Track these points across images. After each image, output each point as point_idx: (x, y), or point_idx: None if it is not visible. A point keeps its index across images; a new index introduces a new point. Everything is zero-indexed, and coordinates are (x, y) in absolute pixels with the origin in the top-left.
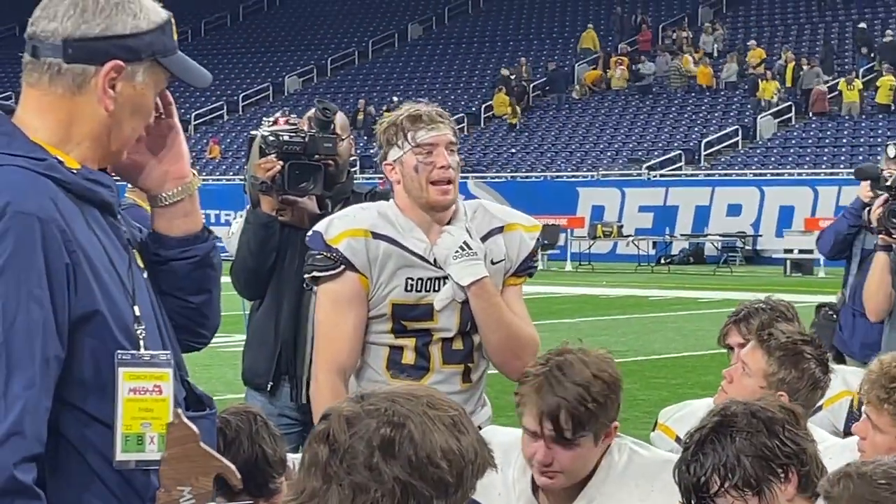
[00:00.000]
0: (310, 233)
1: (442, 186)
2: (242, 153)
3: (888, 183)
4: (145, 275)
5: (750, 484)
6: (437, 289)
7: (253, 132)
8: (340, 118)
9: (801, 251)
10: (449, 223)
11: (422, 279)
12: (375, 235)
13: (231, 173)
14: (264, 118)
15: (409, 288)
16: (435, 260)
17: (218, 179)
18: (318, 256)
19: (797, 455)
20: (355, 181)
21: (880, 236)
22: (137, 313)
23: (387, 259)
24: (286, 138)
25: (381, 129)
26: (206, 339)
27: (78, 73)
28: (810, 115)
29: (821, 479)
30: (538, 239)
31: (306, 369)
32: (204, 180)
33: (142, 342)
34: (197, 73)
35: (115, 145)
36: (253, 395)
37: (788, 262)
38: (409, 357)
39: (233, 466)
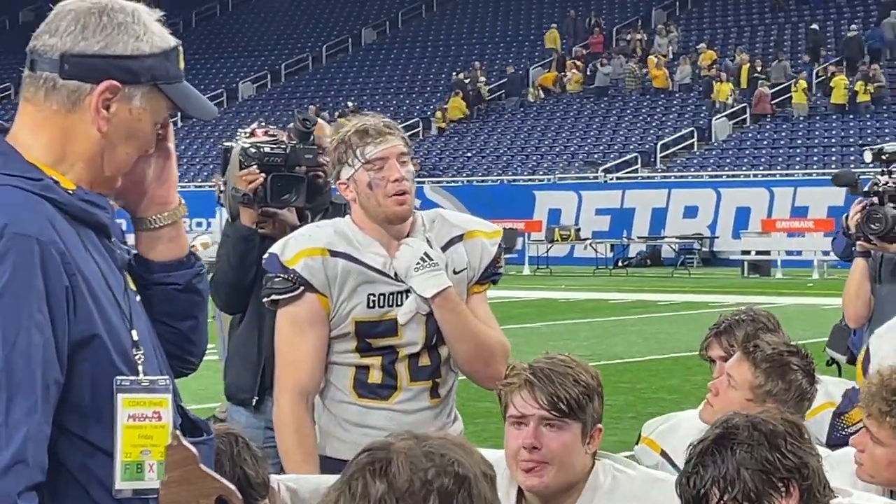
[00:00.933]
0: (266, 255)
1: (398, 197)
2: (196, 160)
3: (865, 189)
4: (138, 298)
5: (750, 497)
6: (399, 303)
7: (227, 143)
8: (329, 129)
9: (758, 252)
10: (408, 236)
11: (384, 294)
12: (333, 253)
13: (186, 180)
14: (240, 129)
15: (371, 304)
16: (396, 274)
17: None
18: (276, 279)
19: (799, 469)
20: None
21: (858, 242)
22: (136, 338)
23: (346, 276)
24: (267, 150)
25: (331, 147)
26: (195, 366)
27: (73, 89)
28: (767, 117)
29: (825, 493)
30: (500, 245)
31: None
32: None
33: (140, 367)
34: (200, 104)
35: (108, 170)
36: (237, 410)
37: (746, 263)
38: (375, 376)
39: (233, 487)
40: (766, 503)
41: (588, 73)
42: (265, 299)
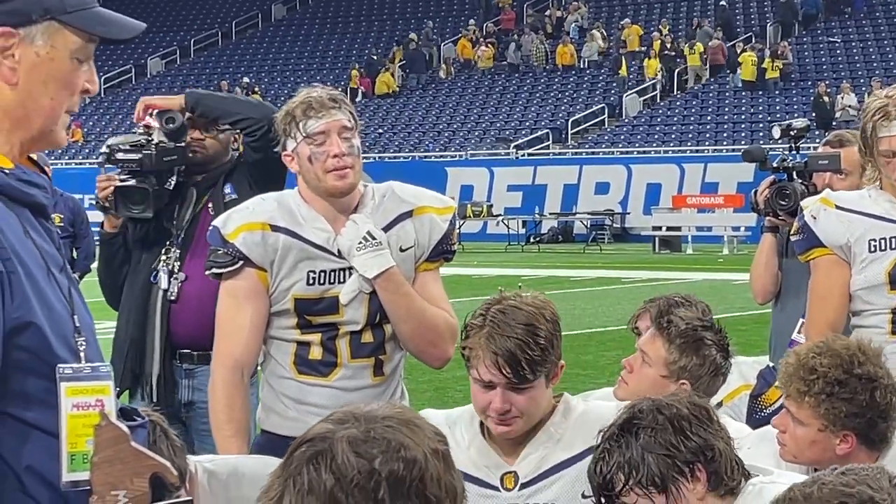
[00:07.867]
0: (210, 228)
1: (337, 172)
2: (105, 136)
3: (774, 164)
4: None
5: (654, 482)
6: (342, 280)
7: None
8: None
9: (668, 228)
10: (356, 210)
11: (325, 271)
12: (273, 228)
13: (94, 157)
14: (148, 117)
15: (311, 281)
16: (339, 251)
17: (81, 163)
18: (218, 252)
19: (703, 451)
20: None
21: (767, 218)
22: (77, 323)
23: (286, 252)
24: (120, 156)
25: (278, 119)
26: None
27: None
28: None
29: (734, 477)
30: (452, 221)
31: (155, 366)
32: (66, 164)
33: (82, 354)
34: (120, 24)
35: (37, 122)
36: None
37: (657, 239)
38: (315, 353)
39: (167, 463)
40: (671, 487)
41: (499, 49)
42: (207, 272)
